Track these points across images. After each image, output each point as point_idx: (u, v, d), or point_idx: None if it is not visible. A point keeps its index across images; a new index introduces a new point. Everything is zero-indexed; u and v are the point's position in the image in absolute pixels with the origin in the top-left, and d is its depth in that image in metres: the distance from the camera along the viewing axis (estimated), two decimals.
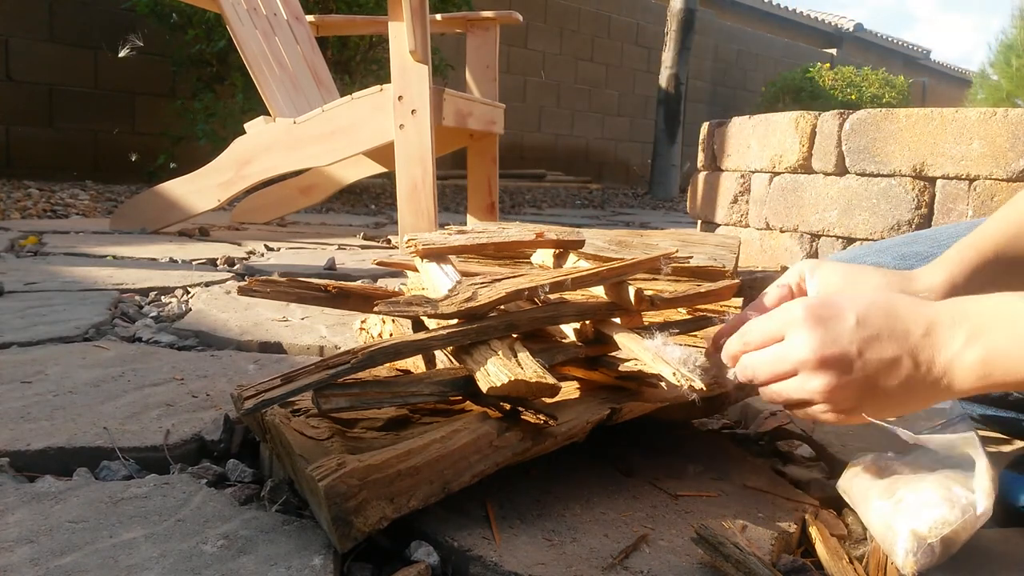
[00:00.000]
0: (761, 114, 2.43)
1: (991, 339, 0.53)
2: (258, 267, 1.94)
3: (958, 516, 0.58)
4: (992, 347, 0.53)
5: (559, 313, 0.72)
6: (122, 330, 1.25)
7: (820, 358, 0.56)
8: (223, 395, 0.91)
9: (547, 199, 5.88)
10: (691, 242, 1.14)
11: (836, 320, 0.57)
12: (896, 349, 0.55)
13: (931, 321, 0.56)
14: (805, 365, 0.57)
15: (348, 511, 0.54)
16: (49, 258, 1.96)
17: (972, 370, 0.54)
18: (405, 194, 2.18)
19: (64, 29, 4.44)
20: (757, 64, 10.23)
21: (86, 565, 0.54)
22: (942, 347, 0.55)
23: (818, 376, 0.57)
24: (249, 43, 2.52)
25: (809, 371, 0.57)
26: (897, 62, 13.94)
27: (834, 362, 0.56)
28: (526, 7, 6.94)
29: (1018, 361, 0.52)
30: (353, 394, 0.60)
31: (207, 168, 2.45)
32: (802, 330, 0.58)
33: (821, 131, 2.15)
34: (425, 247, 0.82)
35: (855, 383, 0.56)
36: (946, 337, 0.55)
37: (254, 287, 0.70)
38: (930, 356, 0.55)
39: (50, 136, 4.45)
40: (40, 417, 0.81)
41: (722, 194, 2.56)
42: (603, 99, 8.33)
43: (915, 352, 0.55)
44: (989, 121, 1.80)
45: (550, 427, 0.64)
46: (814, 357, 0.56)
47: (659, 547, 0.60)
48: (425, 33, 2.12)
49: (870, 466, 0.67)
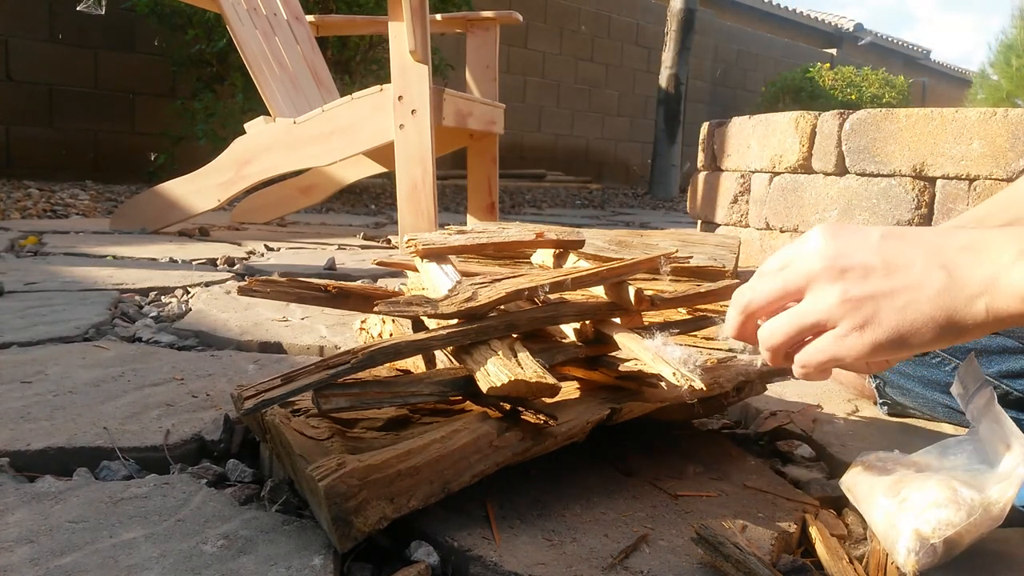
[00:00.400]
0: (761, 114, 2.43)
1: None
2: (258, 267, 1.94)
3: (963, 518, 0.57)
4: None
5: (559, 313, 0.72)
6: (122, 330, 1.25)
7: (836, 266, 0.49)
8: (223, 395, 0.91)
9: (547, 199, 5.89)
10: (691, 242, 1.14)
11: (856, 233, 0.50)
12: (926, 259, 0.48)
13: (971, 238, 0.48)
14: (818, 274, 0.49)
15: (348, 511, 0.54)
16: (49, 258, 1.96)
17: (1019, 293, 0.45)
18: (405, 194, 2.18)
19: (64, 29, 4.44)
20: (757, 64, 10.23)
21: (86, 565, 0.54)
22: (984, 260, 0.47)
23: (832, 284, 0.49)
24: (249, 43, 2.52)
25: (823, 282, 0.49)
26: (897, 62, 13.95)
27: (853, 268, 0.49)
28: (526, 7, 6.94)
29: None
30: (353, 394, 0.60)
31: (207, 168, 2.45)
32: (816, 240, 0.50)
33: (821, 131, 2.15)
34: (425, 247, 0.82)
35: (876, 294, 0.48)
36: (991, 250, 0.47)
37: (254, 287, 0.70)
38: (968, 269, 0.47)
39: (50, 136, 4.45)
40: (40, 417, 0.81)
41: (722, 194, 2.56)
42: (603, 99, 8.33)
43: (950, 264, 0.47)
44: (989, 121, 1.80)
45: (550, 427, 0.64)
46: (828, 264, 0.49)
47: (659, 547, 0.60)
48: (425, 33, 2.12)
49: (875, 463, 0.67)
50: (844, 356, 0.49)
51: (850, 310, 0.48)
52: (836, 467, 0.79)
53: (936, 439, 0.83)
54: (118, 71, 4.65)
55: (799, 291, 0.51)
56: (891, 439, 0.87)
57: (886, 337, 0.48)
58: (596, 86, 8.23)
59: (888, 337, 0.48)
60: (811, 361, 0.51)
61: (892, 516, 0.60)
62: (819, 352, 0.50)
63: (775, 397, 1.00)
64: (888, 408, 0.97)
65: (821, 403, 1.00)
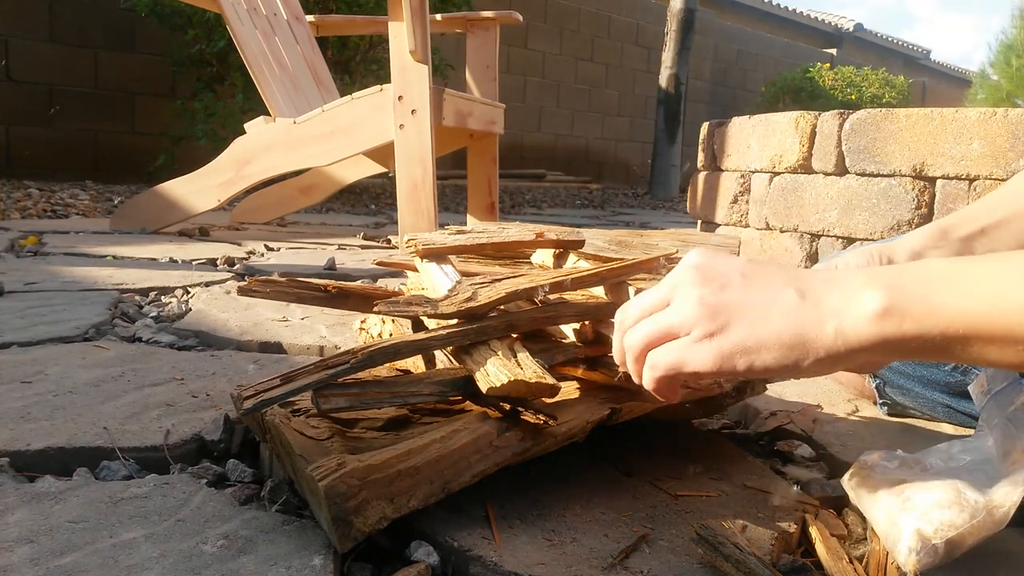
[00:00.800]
0: (761, 114, 2.43)
1: (898, 283, 0.46)
2: (258, 267, 1.94)
3: (966, 520, 0.57)
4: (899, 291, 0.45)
5: (559, 313, 0.72)
6: (122, 330, 1.25)
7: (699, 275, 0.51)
8: (223, 395, 0.91)
9: (547, 199, 5.88)
10: (691, 242, 1.14)
11: (727, 256, 0.52)
12: (783, 281, 0.49)
13: (832, 274, 0.50)
14: (683, 283, 0.51)
15: (348, 511, 0.54)
16: (49, 258, 1.96)
17: (868, 309, 0.46)
18: (405, 194, 2.18)
19: (64, 29, 4.44)
20: (757, 64, 10.23)
21: (86, 565, 0.54)
22: (837, 287, 0.48)
23: (693, 289, 0.50)
24: (249, 43, 2.52)
25: (685, 288, 0.51)
26: (897, 62, 13.95)
27: (713, 275, 0.50)
28: (526, 7, 6.94)
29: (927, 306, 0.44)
30: (353, 394, 0.60)
31: (207, 168, 2.45)
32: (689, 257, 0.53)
33: (821, 131, 2.15)
34: (425, 247, 0.82)
35: (732, 301, 0.49)
36: (844, 280, 0.48)
37: (254, 287, 0.70)
38: (820, 294, 0.48)
39: (50, 136, 4.45)
40: (40, 417, 0.81)
41: (722, 194, 2.56)
42: (603, 99, 8.33)
43: (804, 287, 0.49)
44: (989, 121, 1.80)
45: (550, 427, 0.64)
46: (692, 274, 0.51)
47: (659, 547, 0.60)
48: (425, 33, 2.12)
49: (879, 462, 0.67)
50: (689, 361, 0.50)
51: (703, 316, 0.49)
52: (836, 467, 0.79)
53: (936, 439, 0.83)
54: (118, 71, 4.65)
55: (664, 302, 0.52)
56: (891, 439, 0.87)
57: (731, 348, 0.48)
58: (596, 86, 8.23)
59: (733, 348, 0.48)
60: (659, 362, 0.52)
61: (894, 515, 0.60)
62: (667, 354, 0.51)
63: (775, 397, 1.00)
64: (888, 408, 0.97)
65: (821, 403, 1.00)
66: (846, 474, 0.69)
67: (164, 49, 4.58)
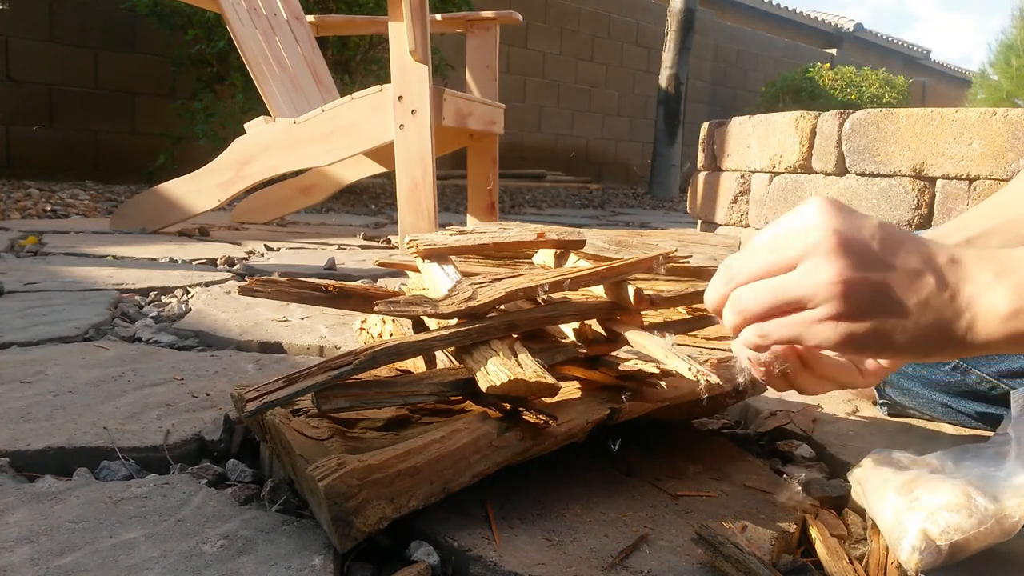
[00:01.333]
0: (761, 114, 2.43)
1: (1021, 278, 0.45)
2: (258, 267, 1.94)
3: (974, 525, 0.57)
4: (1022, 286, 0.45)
5: (559, 313, 0.72)
6: (122, 330, 1.25)
7: (837, 242, 0.45)
8: (223, 395, 0.91)
9: (547, 199, 5.88)
10: (691, 242, 1.14)
11: (855, 214, 0.48)
12: (920, 262, 0.46)
13: (955, 252, 0.47)
14: (816, 248, 0.46)
15: (348, 511, 0.54)
16: (49, 258, 1.96)
17: (999, 309, 0.45)
18: (405, 194, 2.18)
19: (64, 29, 4.44)
20: (757, 64, 10.23)
21: (86, 565, 0.54)
22: (969, 278, 0.46)
23: (830, 261, 0.45)
24: (249, 43, 2.52)
25: (820, 255, 0.46)
26: (897, 62, 13.95)
27: (853, 246, 0.46)
28: (526, 7, 6.94)
29: None
30: (353, 394, 0.60)
31: (207, 168, 2.45)
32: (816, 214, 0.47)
33: (821, 131, 2.15)
34: (426, 247, 0.82)
35: (871, 282, 0.45)
36: (973, 269, 0.46)
37: (254, 287, 0.70)
38: (956, 283, 0.46)
39: (50, 136, 4.45)
40: (40, 417, 0.81)
41: (722, 194, 2.56)
42: (603, 99, 8.33)
43: (941, 273, 0.46)
44: (989, 121, 1.80)
45: (550, 427, 0.64)
46: (828, 239, 0.46)
47: (659, 547, 0.60)
48: (425, 33, 2.12)
49: (889, 460, 0.66)
50: (810, 338, 0.47)
51: (838, 295, 0.45)
52: (836, 467, 0.79)
53: (936, 439, 0.83)
54: (118, 71, 4.65)
55: (791, 264, 0.47)
56: (891, 439, 0.87)
57: (862, 333, 0.46)
58: (596, 86, 8.23)
59: (864, 333, 0.46)
60: (771, 333, 0.48)
61: (901, 513, 0.60)
62: (784, 327, 0.47)
63: (775, 397, 1.00)
64: (888, 408, 0.97)
65: (821, 403, 1.00)
66: (854, 469, 0.68)
67: (164, 49, 4.58)
